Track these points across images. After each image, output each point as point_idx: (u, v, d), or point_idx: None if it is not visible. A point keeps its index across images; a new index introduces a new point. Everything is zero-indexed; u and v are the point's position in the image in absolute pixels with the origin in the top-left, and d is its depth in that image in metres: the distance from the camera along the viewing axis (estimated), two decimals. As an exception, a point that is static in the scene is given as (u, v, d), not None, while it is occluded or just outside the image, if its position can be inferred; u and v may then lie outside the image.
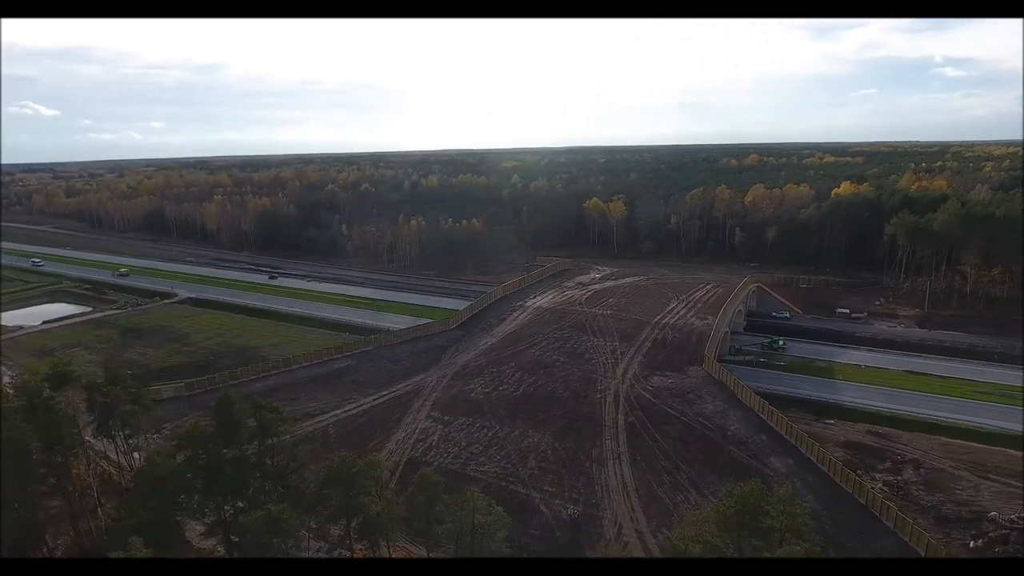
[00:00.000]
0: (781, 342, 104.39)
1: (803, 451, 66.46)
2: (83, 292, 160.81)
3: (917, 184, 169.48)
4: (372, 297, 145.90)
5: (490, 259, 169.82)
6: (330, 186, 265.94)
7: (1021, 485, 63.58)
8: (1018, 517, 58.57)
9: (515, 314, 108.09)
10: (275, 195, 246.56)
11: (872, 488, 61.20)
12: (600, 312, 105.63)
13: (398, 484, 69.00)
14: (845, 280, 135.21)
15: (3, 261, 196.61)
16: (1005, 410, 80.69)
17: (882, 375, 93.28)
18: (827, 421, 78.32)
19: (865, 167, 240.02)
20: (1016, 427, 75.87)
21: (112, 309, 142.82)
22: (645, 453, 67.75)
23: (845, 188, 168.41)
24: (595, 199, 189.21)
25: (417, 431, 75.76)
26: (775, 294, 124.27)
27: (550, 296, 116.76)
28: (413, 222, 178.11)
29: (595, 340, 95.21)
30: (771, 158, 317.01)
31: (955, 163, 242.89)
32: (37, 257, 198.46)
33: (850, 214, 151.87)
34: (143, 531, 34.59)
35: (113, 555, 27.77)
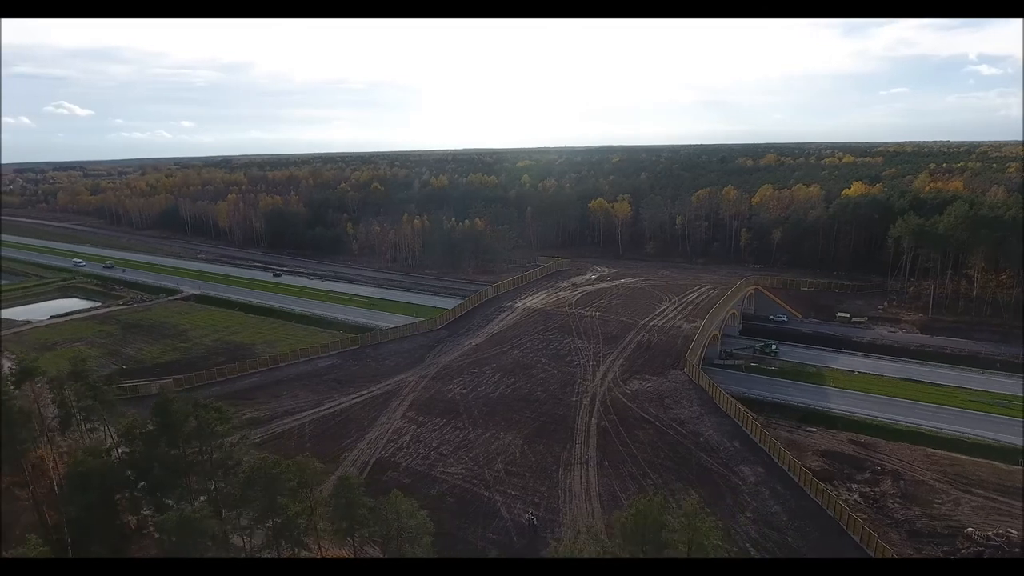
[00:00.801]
0: (773, 346, 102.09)
1: (775, 459, 64.71)
2: (94, 288, 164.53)
3: (931, 185, 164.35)
4: (371, 296, 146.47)
5: (492, 259, 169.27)
6: (342, 185, 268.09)
7: (1005, 500, 61.10)
8: (995, 534, 56.20)
9: (503, 315, 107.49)
10: (287, 194, 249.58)
11: (839, 499, 59.30)
12: (588, 314, 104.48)
13: (364, 484, 69.66)
14: (850, 283, 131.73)
15: (23, 257, 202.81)
16: (999, 421, 77.77)
17: (875, 382, 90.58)
18: (809, 428, 76.26)
19: (884, 167, 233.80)
20: (1008, 438, 73.06)
21: (118, 305, 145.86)
22: (614, 458, 66.65)
23: (856, 189, 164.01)
24: (600, 199, 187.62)
25: (391, 431, 75.68)
26: (774, 297, 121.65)
27: (541, 297, 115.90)
28: (416, 221, 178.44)
29: (579, 342, 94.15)
30: (788, 158, 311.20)
31: (978, 164, 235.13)
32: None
33: (858, 216, 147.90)
34: (72, 525, 34.80)
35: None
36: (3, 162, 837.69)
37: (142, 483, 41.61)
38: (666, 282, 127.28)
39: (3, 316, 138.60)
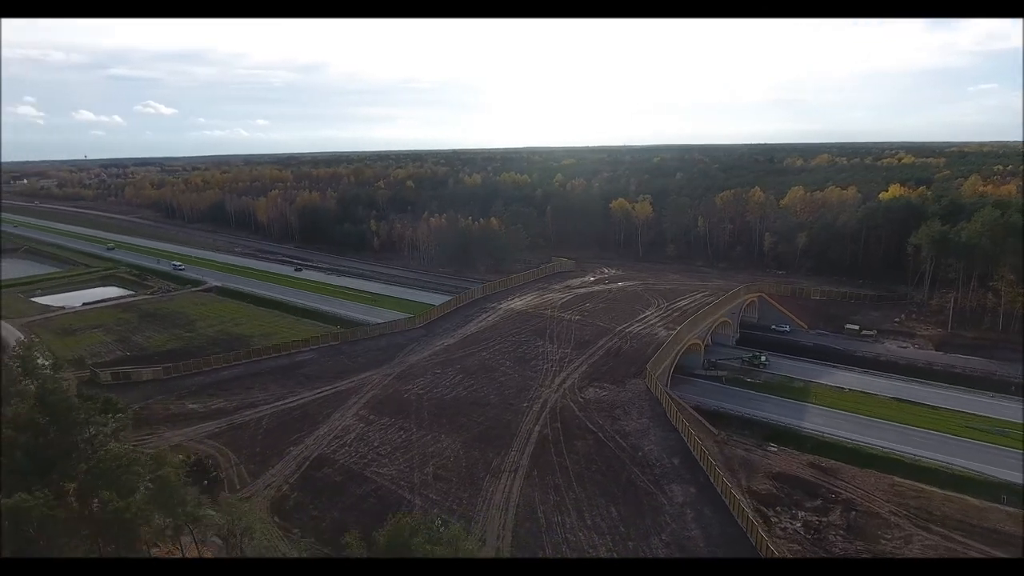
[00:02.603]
0: (763, 358, 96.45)
1: (711, 480, 60.83)
2: (131, 278, 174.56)
3: (980, 189, 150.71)
4: (378, 292, 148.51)
5: (506, 258, 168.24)
6: (379, 183, 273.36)
7: (963, 540, 55.10)
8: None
9: (484, 315, 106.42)
10: (326, 191, 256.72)
11: (777, 527, 55.16)
12: (568, 317, 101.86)
13: (299, 480, 70.52)
14: (871, 293, 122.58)
15: (79, 247, 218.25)
16: (993, 451, 70.57)
17: (864, 401, 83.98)
18: (770, 448, 71.39)
19: (943, 168, 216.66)
20: (996, 471, 66.12)
21: (145, 294, 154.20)
22: (544, 469, 64.55)
23: (893, 191, 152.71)
24: (621, 200, 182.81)
25: (339, 428, 76.26)
26: (778, 306, 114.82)
27: (528, 298, 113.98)
28: (433, 220, 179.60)
29: (549, 346, 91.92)
30: (843, 158, 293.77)
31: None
32: (111, 244, 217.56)
33: (889, 220, 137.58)
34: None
35: None
36: (94, 158, 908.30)
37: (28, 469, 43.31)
38: (665, 286, 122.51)
39: (44, 302, 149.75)
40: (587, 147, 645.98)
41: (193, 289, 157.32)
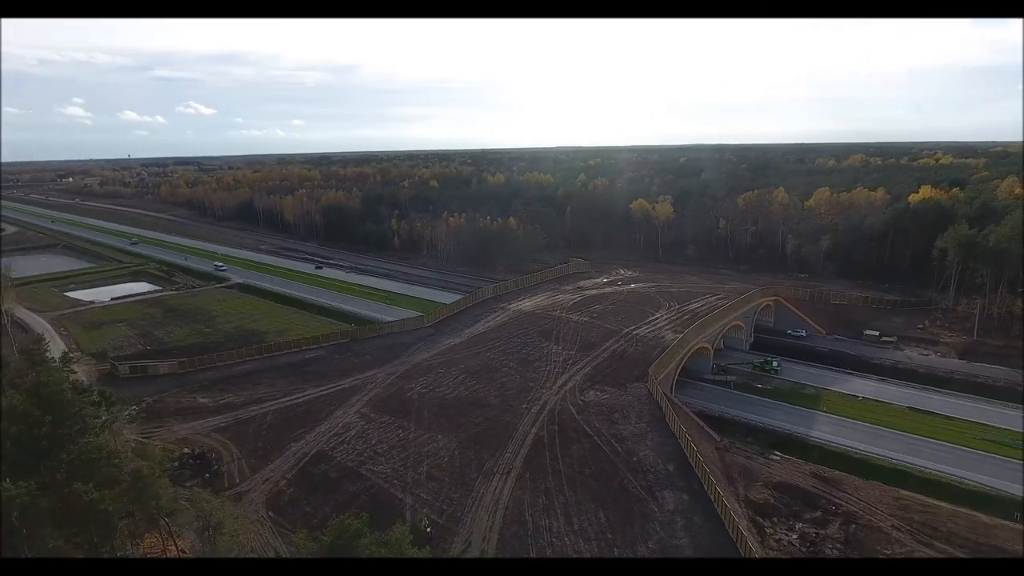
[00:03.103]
0: (775, 363, 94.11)
1: (705, 488, 59.54)
2: (159, 273, 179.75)
3: (1018, 191, 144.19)
4: (395, 291, 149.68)
5: (523, 258, 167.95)
6: (404, 182, 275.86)
7: (966, 558, 52.72)
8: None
9: (493, 315, 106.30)
10: (350, 190, 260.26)
11: (754, 539, 53.66)
12: (576, 319, 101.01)
13: (296, 476, 71.44)
14: (894, 298, 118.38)
15: (111, 243, 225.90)
16: (1010, 465, 67.41)
17: (877, 410, 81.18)
18: (772, 456, 69.57)
19: (981, 169, 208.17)
20: (1012, 487, 63.13)
21: (171, 290, 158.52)
22: (536, 471, 64.10)
23: (924, 192, 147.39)
24: (640, 200, 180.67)
25: (340, 425, 77.01)
26: (795, 310, 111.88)
27: (538, 299, 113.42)
28: (451, 219, 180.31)
29: (554, 348, 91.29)
30: (878, 159, 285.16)
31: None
32: (134, 238, 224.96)
33: (918, 223, 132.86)
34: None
35: None
36: (137, 157, 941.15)
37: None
38: (680, 289, 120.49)
39: (76, 296, 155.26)
40: (618, 147, 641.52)
41: (217, 285, 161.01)
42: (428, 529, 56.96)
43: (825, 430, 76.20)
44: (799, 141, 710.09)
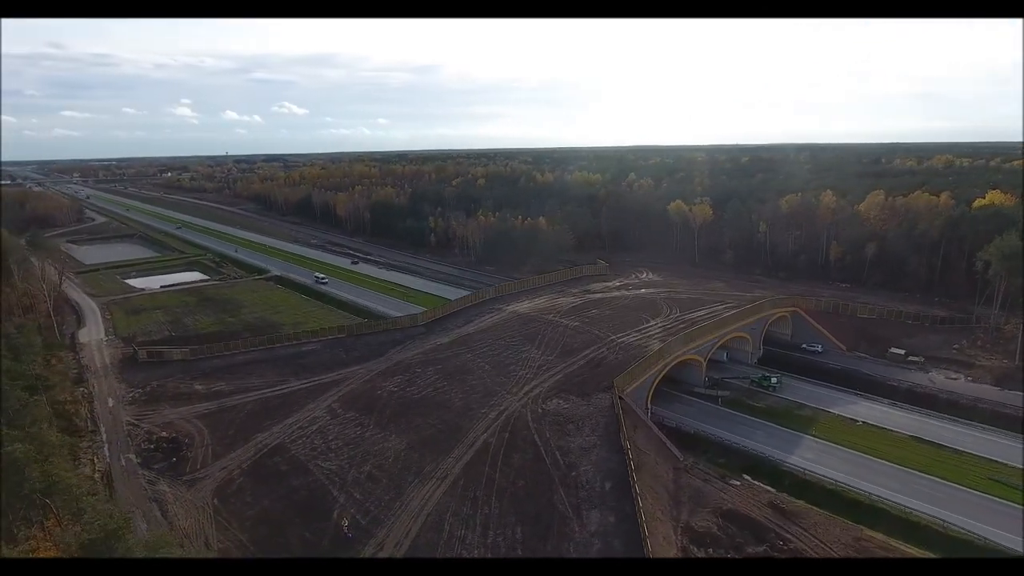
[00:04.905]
0: (773, 380, 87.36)
1: (637, 511, 55.83)
2: (211, 264, 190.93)
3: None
4: (416, 288, 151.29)
5: (551, 258, 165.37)
6: (454, 180, 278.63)
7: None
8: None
9: (487, 316, 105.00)
10: (402, 187, 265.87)
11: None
12: (567, 323, 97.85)
13: (250, 466, 73.28)
14: (938, 313, 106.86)
15: (182, 235, 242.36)
16: (1010, 510, 59.01)
17: (874, 437, 73.53)
18: (732, 481, 64.48)
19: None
20: (1004, 537, 55.32)
21: (214, 280, 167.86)
22: (471, 479, 62.55)
23: (991, 198, 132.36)
24: (678, 201, 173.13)
25: (307, 419, 78.53)
26: (814, 322, 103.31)
27: (538, 301, 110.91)
28: (482, 218, 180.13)
29: (534, 352, 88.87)
30: (968, 159, 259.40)
31: None
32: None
33: (977, 232, 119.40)
34: None
35: None
36: (233, 154, 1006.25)
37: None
38: (690, 295, 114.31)
39: (133, 283, 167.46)
40: (691, 146, 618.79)
41: (255, 277, 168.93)
42: (347, 528, 56.93)
43: (807, 456, 69.81)
44: (896, 140, 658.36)
